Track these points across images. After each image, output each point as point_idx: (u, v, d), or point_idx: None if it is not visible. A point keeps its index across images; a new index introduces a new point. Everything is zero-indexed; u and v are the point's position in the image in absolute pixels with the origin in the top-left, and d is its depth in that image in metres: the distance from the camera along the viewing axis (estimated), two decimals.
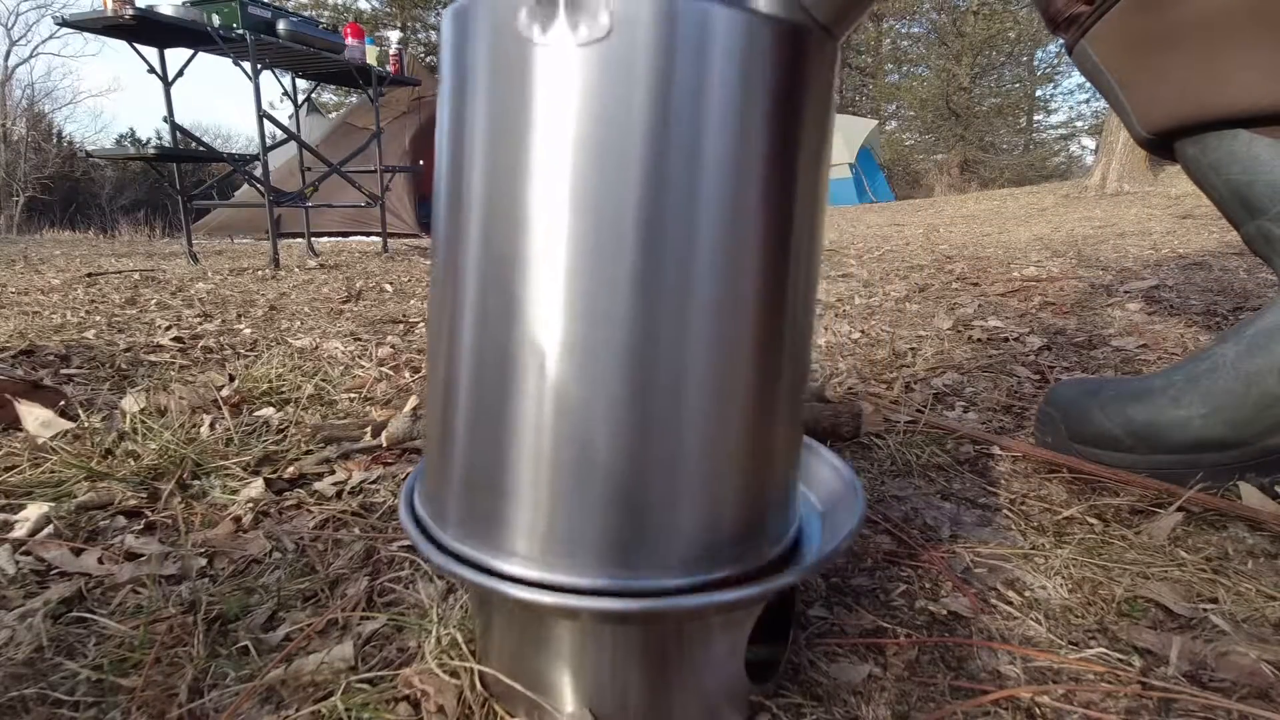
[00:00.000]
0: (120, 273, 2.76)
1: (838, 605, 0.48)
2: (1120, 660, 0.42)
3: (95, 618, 0.46)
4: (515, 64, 0.30)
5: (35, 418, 0.83)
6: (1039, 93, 16.71)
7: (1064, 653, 0.43)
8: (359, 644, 0.43)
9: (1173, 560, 0.52)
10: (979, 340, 1.30)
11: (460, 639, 0.42)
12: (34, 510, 0.59)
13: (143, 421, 0.79)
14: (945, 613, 0.47)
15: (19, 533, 0.57)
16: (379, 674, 0.40)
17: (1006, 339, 1.30)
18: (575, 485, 0.32)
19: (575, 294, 0.30)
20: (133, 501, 0.63)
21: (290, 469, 0.70)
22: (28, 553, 0.54)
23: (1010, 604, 0.48)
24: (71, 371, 1.14)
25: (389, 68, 3.82)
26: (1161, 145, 0.70)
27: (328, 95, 12.46)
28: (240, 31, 2.84)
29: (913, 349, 1.25)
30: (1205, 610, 0.47)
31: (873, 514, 0.61)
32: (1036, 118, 17.44)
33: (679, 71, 0.29)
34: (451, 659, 0.40)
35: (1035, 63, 15.85)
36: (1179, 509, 0.58)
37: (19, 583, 0.51)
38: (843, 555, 0.54)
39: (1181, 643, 0.43)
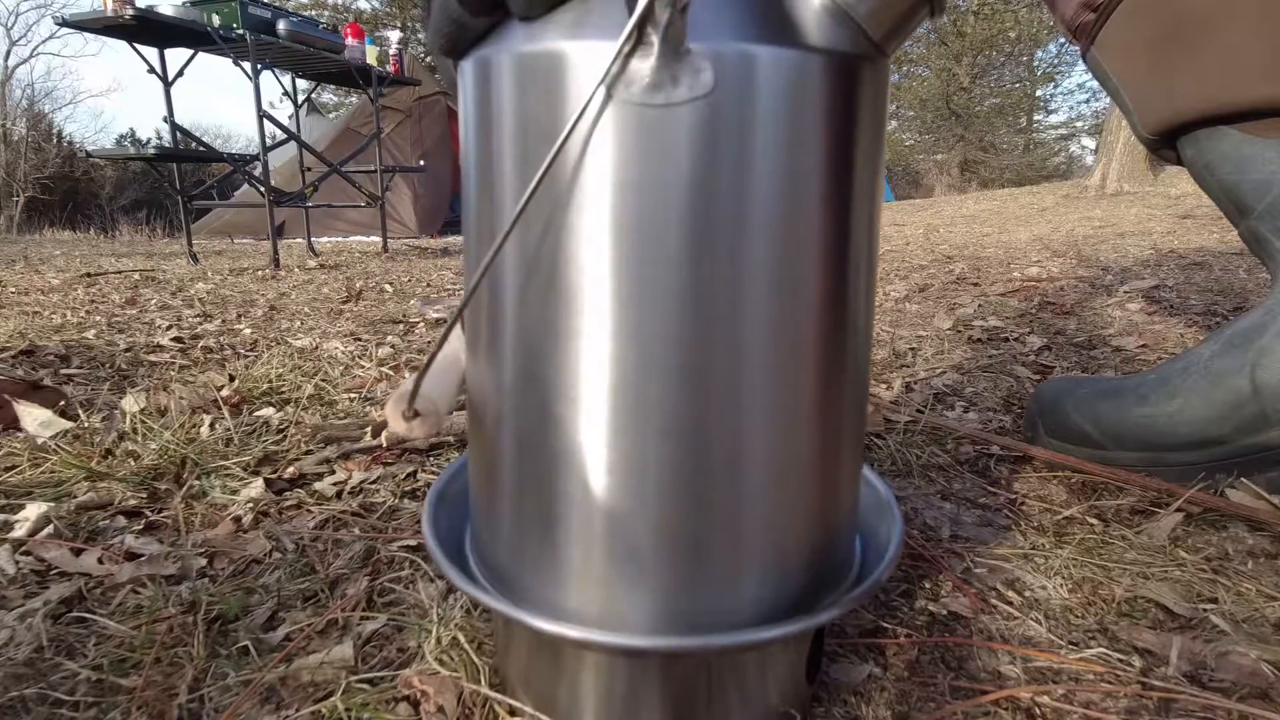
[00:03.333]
0: (120, 273, 2.76)
1: None
2: (1120, 660, 0.42)
3: (95, 618, 0.46)
4: (545, 122, 0.28)
5: (35, 418, 0.83)
6: (1039, 93, 16.70)
7: (1064, 653, 0.43)
8: (359, 644, 0.43)
9: (1173, 560, 0.52)
10: (979, 340, 1.30)
11: (462, 639, 0.42)
12: (34, 510, 0.59)
13: (143, 421, 0.79)
14: (945, 613, 0.47)
15: (19, 533, 0.57)
16: (379, 674, 0.40)
17: (1007, 339, 1.30)
18: (631, 553, 0.32)
19: (626, 369, 0.30)
20: (133, 501, 0.63)
21: (290, 469, 0.70)
22: (28, 553, 0.54)
23: (1010, 604, 0.48)
24: (71, 371, 1.14)
25: (389, 68, 3.82)
26: (1165, 147, 0.70)
27: (328, 96, 12.45)
28: (240, 31, 2.84)
29: (913, 349, 1.25)
30: (1205, 610, 0.47)
31: None
32: (1036, 118, 17.43)
33: (744, 126, 0.27)
34: (452, 659, 0.40)
35: (1035, 63, 15.84)
36: (1179, 509, 0.58)
37: (19, 583, 0.51)
38: (883, 584, 0.54)
39: (1181, 643, 0.43)
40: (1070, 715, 0.38)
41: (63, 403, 0.85)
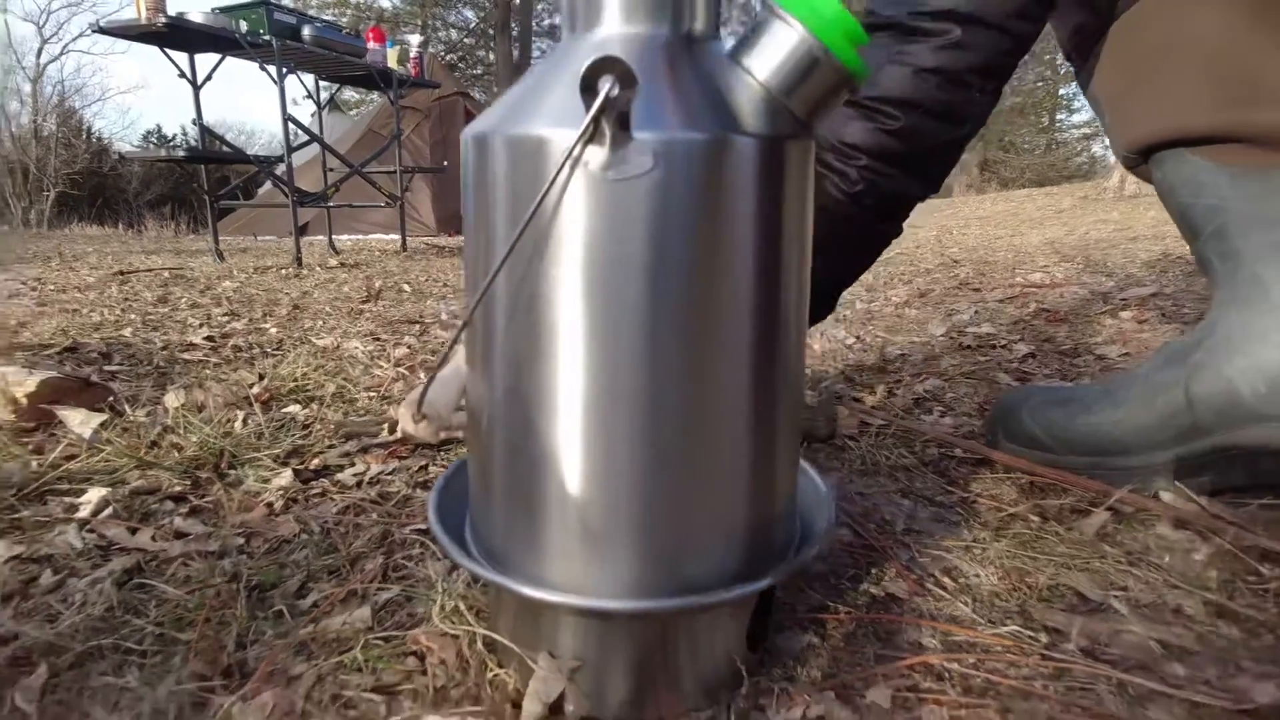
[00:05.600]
0: (150, 270, 2.87)
1: (791, 586, 0.55)
2: (1030, 637, 0.49)
3: (154, 584, 0.54)
4: (531, 190, 0.35)
5: (76, 419, 0.90)
6: (1062, 91, 16.53)
7: (982, 629, 0.49)
8: (376, 609, 0.51)
9: (1096, 553, 0.59)
10: (969, 346, 1.36)
11: (462, 607, 0.49)
12: (95, 494, 0.67)
13: (183, 416, 0.87)
14: (884, 594, 0.54)
15: (83, 513, 0.65)
16: (392, 633, 0.48)
17: (995, 346, 1.36)
18: (604, 536, 0.38)
19: (594, 386, 0.36)
20: (178, 488, 0.71)
21: (315, 461, 0.78)
22: (92, 530, 0.62)
23: (944, 588, 0.55)
24: (114, 368, 1.23)
25: (409, 69, 3.92)
26: (1144, 165, 0.76)
27: (349, 93, 12.62)
28: (267, 37, 2.95)
29: (903, 355, 1.30)
30: (1114, 596, 0.53)
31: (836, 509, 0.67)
32: (1059, 117, 17.25)
33: (686, 197, 0.35)
34: (454, 623, 0.48)
35: (1058, 61, 15.67)
36: (1109, 509, 0.64)
37: (86, 556, 0.59)
38: (811, 563, 0.61)
39: (1082, 623, 0.49)
40: (974, 679, 0.45)
41: (111, 398, 0.94)
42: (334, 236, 4.02)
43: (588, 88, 0.31)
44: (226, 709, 0.41)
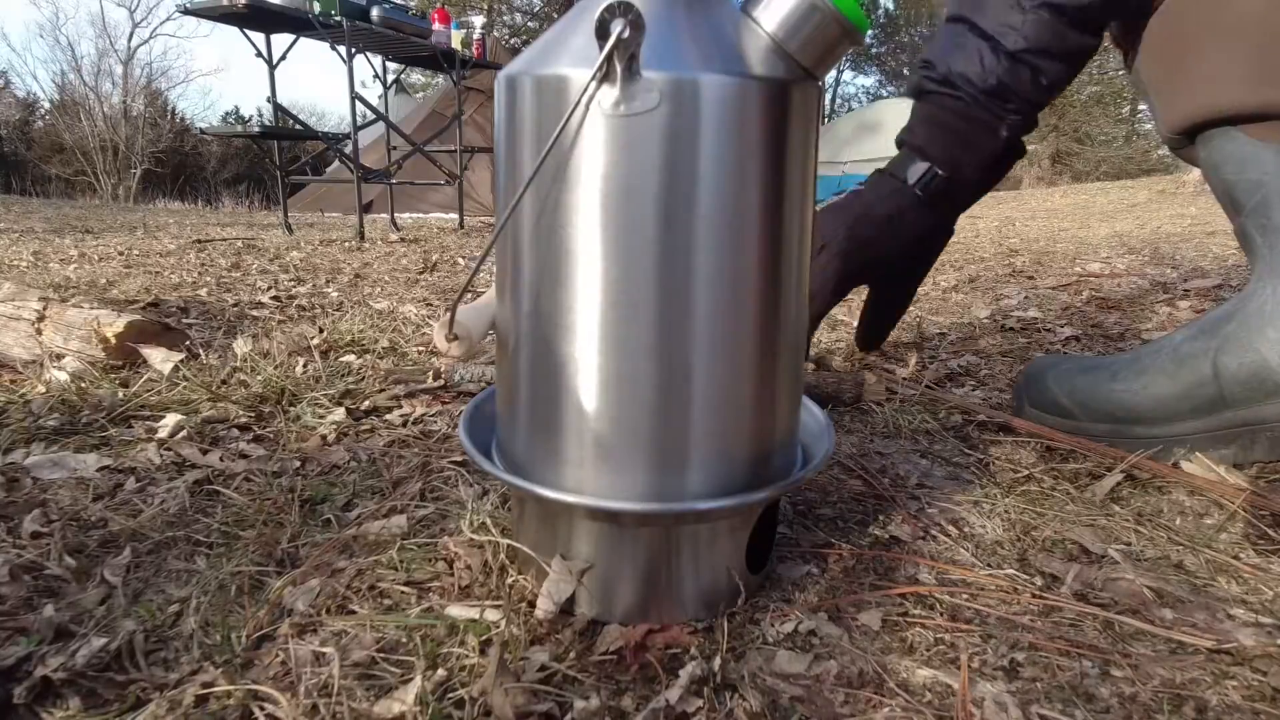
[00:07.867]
0: (225, 240, 3.04)
1: (799, 526, 0.58)
2: (1025, 580, 0.50)
3: (221, 491, 0.60)
4: (553, 124, 0.38)
5: (157, 357, 0.99)
6: None
7: (979, 570, 0.52)
8: (412, 522, 0.56)
9: (1104, 512, 0.60)
10: (1011, 329, 1.34)
11: (489, 523, 0.54)
12: (172, 420, 0.75)
13: (250, 360, 0.94)
14: (888, 537, 0.56)
15: (162, 434, 0.72)
16: (425, 541, 0.53)
17: (1039, 329, 1.34)
18: (616, 446, 0.42)
19: (609, 306, 0.40)
20: (243, 419, 0.78)
21: (366, 402, 0.84)
22: (169, 449, 0.69)
23: (948, 535, 0.57)
24: (190, 321, 1.32)
25: (472, 51, 4.00)
26: (1189, 145, 0.75)
27: (416, 76, 12.90)
28: (338, 18, 3.06)
29: (941, 334, 1.30)
30: (1116, 550, 0.54)
31: (852, 464, 0.70)
32: (1141, 107, 16.37)
33: (692, 132, 0.38)
34: (480, 536, 0.52)
35: None
36: (1125, 474, 0.65)
37: (164, 469, 0.66)
38: (807, 481, 0.63)
39: (1079, 569, 0.51)
40: (964, 610, 0.47)
41: (187, 342, 1.02)
42: (395, 214, 4.15)
43: (601, 30, 0.34)
44: (279, 589, 0.46)
